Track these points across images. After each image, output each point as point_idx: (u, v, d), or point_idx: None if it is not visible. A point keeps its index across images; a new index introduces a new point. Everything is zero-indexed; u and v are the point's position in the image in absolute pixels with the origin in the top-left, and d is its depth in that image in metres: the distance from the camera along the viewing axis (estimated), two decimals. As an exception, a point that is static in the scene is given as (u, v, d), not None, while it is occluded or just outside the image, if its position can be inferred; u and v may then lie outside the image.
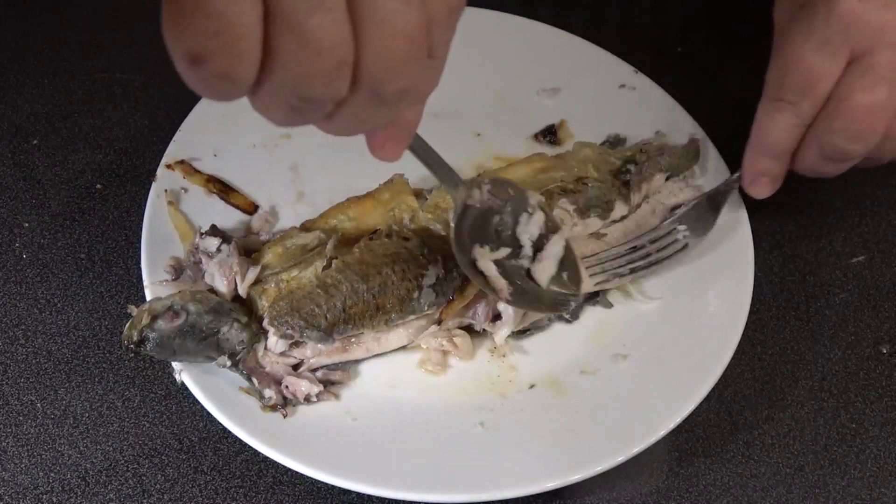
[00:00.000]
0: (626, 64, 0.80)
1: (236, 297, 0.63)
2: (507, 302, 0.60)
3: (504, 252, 0.60)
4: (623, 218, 0.71)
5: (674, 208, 0.72)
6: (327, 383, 0.62)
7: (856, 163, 0.65)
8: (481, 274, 0.59)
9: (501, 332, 0.64)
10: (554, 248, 0.62)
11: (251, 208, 0.70)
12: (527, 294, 0.61)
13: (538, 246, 0.62)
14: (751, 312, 0.65)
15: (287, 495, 0.62)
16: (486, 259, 0.59)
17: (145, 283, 0.64)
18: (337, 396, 0.62)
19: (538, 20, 0.82)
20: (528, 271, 0.62)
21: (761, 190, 0.68)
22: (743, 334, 0.64)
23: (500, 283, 0.59)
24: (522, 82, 0.79)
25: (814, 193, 0.79)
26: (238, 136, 0.74)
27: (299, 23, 0.34)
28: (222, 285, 0.62)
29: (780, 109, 0.64)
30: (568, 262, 0.63)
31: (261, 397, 0.60)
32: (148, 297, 0.63)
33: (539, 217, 0.62)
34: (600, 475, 0.59)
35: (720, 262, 0.68)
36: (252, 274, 0.62)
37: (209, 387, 0.60)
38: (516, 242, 0.61)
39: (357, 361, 0.64)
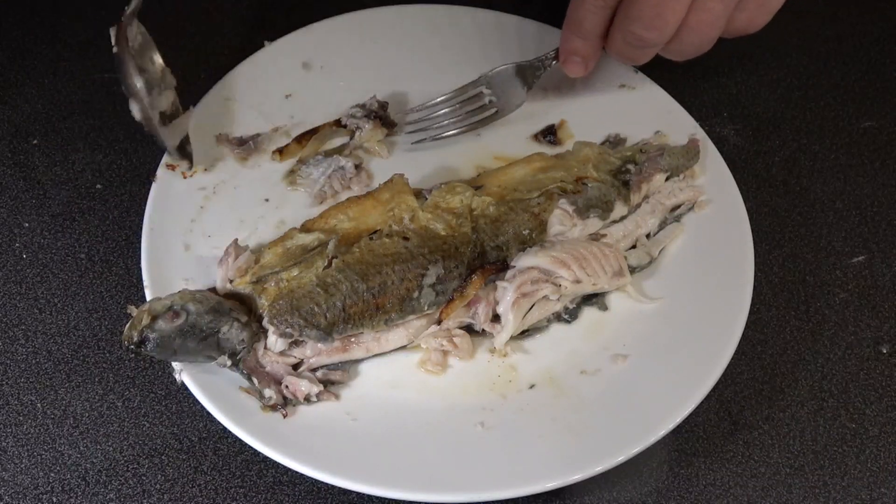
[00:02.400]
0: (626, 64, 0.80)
1: (235, 295, 0.63)
2: None
3: None
4: (623, 218, 0.71)
5: (673, 209, 0.72)
6: (327, 383, 0.62)
7: (657, 51, 0.71)
8: None
9: (501, 336, 0.64)
10: None
11: (337, 124, 0.74)
12: None
13: None
14: (751, 312, 0.65)
15: (287, 495, 0.62)
16: None
17: (145, 283, 0.64)
18: (337, 396, 0.62)
19: (537, 20, 0.82)
20: None
21: (574, 68, 0.74)
22: (743, 334, 0.64)
23: None
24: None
25: (814, 193, 0.79)
26: (237, 134, 0.74)
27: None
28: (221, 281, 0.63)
29: None
30: None
31: (261, 397, 0.60)
32: (148, 297, 0.63)
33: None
34: (600, 475, 0.59)
35: (720, 262, 0.68)
36: (244, 259, 0.63)
37: (209, 387, 0.60)
38: None
39: (357, 361, 0.64)
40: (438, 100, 0.76)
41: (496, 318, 0.65)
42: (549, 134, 0.77)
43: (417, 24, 0.82)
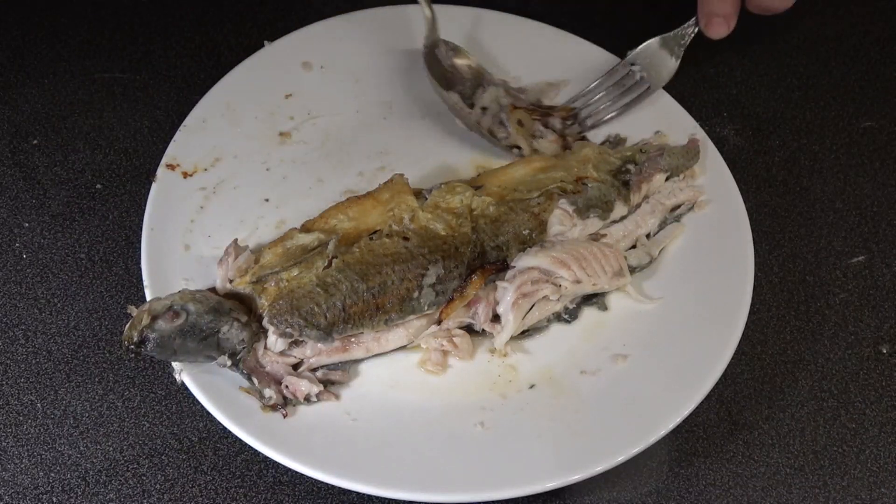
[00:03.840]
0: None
1: (235, 295, 0.63)
2: None
3: None
4: (623, 218, 0.71)
5: (673, 209, 0.72)
6: (327, 383, 0.62)
7: None
8: None
9: (501, 336, 0.64)
10: None
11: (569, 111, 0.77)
12: None
13: None
14: (751, 312, 0.65)
15: (287, 495, 0.62)
16: None
17: (145, 283, 0.64)
18: (337, 396, 0.62)
19: (538, 20, 0.82)
20: None
21: (718, 29, 0.75)
22: (743, 334, 0.64)
23: None
24: (522, 82, 0.79)
25: (814, 193, 0.79)
26: (238, 135, 0.74)
27: None
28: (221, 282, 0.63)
29: None
30: None
31: (261, 397, 0.60)
32: (148, 297, 0.63)
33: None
34: (600, 475, 0.59)
35: (720, 262, 0.68)
36: (244, 259, 0.63)
37: (209, 387, 0.60)
38: None
39: (357, 361, 0.64)
40: (592, 86, 0.77)
41: (496, 318, 0.65)
42: (550, 134, 0.77)
43: (417, 24, 0.82)
